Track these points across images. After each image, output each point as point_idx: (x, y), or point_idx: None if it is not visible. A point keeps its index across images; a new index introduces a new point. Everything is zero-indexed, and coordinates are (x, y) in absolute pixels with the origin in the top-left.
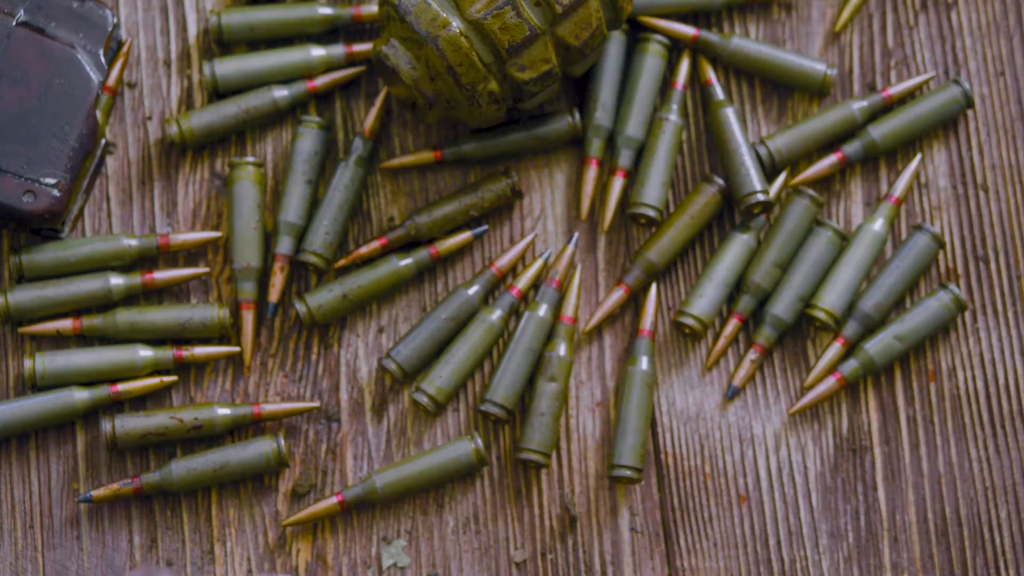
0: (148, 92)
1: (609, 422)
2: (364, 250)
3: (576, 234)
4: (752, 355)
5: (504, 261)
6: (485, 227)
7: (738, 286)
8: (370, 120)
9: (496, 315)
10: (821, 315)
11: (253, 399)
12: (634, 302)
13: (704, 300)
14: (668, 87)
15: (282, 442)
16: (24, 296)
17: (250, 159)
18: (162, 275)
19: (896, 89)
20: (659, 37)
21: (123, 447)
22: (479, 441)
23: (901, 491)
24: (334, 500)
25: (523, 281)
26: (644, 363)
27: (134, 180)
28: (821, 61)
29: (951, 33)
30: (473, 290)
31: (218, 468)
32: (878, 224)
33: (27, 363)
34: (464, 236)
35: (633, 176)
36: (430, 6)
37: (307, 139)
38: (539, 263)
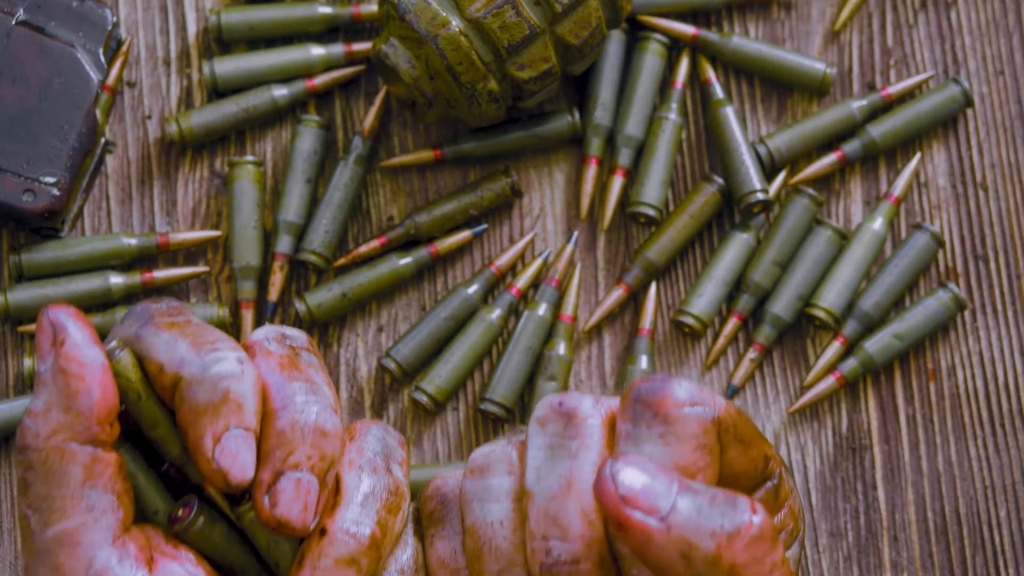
0: (148, 91)
1: None
2: (363, 249)
3: (576, 233)
4: (752, 354)
5: (503, 260)
6: (485, 226)
7: (738, 285)
8: (370, 119)
9: (496, 314)
10: (821, 314)
11: None
12: (634, 301)
13: (704, 299)
14: (668, 86)
15: None
16: (24, 295)
17: (249, 158)
18: (162, 274)
19: (895, 88)
20: (658, 36)
21: None
22: None
23: (901, 490)
24: None
25: (523, 280)
26: (644, 362)
27: (134, 179)
28: (820, 60)
29: (950, 32)
30: (472, 289)
31: None
32: (878, 223)
33: (27, 362)
34: (464, 235)
35: (633, 175)
36: (430, 5)
37: (307, 138)
38: (538, 262)
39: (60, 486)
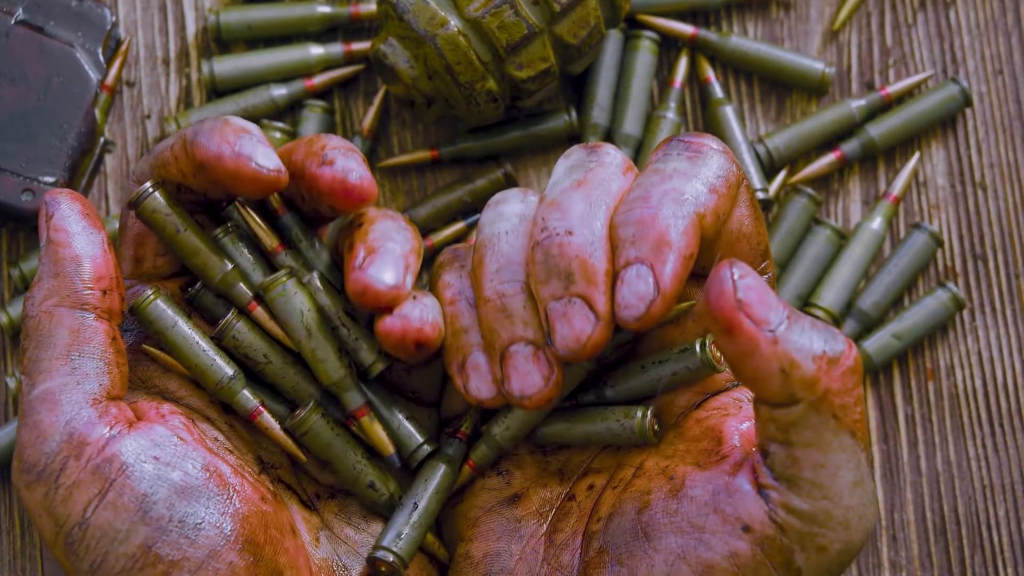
0: (147, 91)
1: None
2: None
3: None
4: None
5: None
6: (478, 216)
7: None
8: (369, 119)
9: None
10: (820, 313)
11: None
12: None
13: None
14: (666, 85)
15: None
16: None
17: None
18: None
19: (894, 88)
20: (649, 33)
21: None
22: None
23: (899, 490)
24: None
25: None
26: None
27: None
28: (819, 60)
29: (949, 32)
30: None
31: None
32: (876, 223)
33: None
34: (458, 226)
35: None
36: (428, 5)
37: (311, 123)
38: None
39: (48, 348)
